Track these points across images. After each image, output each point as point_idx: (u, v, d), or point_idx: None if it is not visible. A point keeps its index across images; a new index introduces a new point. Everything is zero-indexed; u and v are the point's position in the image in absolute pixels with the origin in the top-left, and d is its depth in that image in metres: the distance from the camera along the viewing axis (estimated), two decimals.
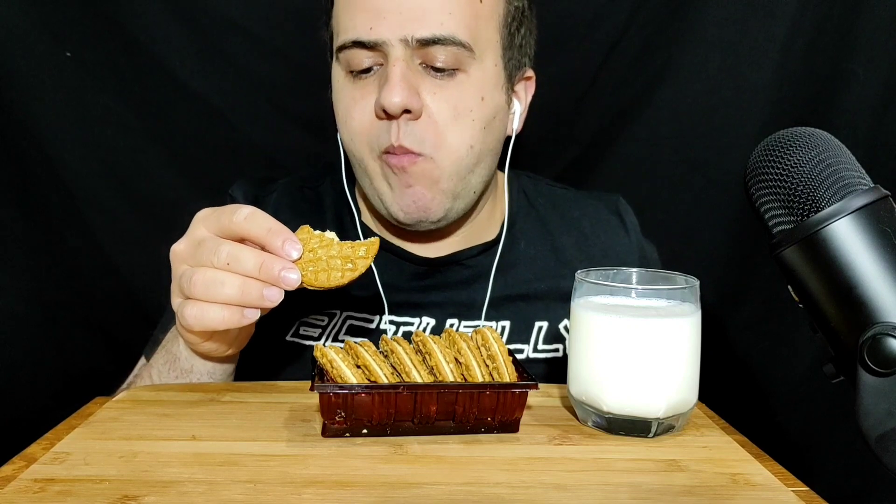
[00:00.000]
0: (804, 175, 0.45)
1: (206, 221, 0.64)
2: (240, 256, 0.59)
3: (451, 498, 0.47)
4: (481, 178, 0.80)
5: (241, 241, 0.61)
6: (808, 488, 0.50)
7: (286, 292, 0.60)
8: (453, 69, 0.75)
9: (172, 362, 0.71)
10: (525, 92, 0.86)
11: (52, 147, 1.05)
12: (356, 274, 0.62)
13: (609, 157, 1.15)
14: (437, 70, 0.74)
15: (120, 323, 1.12)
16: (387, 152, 0.75)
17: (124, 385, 0.80)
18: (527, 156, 0.98)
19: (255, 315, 0.61)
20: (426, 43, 0.73)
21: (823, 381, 0.47)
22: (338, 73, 0.79)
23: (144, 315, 1.08)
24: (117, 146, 1.08)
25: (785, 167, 0.46)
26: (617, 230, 0.92)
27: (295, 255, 0.60)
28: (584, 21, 1.09)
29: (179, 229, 0.65)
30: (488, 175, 0.82)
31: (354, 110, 0.77)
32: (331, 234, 0.63)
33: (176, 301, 0.65)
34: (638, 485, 0.50)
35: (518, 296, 0.85)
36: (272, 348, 0.81)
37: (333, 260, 0.61)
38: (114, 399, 0.64)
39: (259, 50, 1.07)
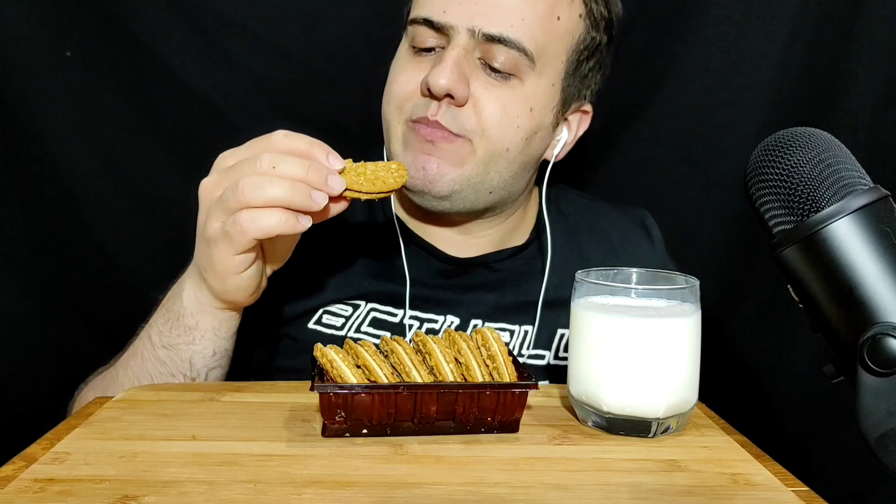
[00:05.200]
0: (804, 175, 0.45)
1: (234, 153, 0.64)
2: (285, 160, 0.60)
3: (451, 498, 0.47)
4: (500, 182, 0.79)
5: None
6: (808, 488, 0.50)
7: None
8: (509, 73, 0.75)
9: (175, 320, 0.70)
10: (578, 124, 0.86)
11: (52, 146, 1.05)
12: (403, 181, 0.66)
13: (610, 156, 1.15)
14: (493, 70, 0.75)
15: (120, 322, 1.12)
16: (417, 121, 0.75)
17: (110, 363, 0.79)
18: None
19: (308, 222, 0.62)
20: (491, 39, 0.73)
21: (823, 381, 0.47)
22: (402, 45, 0.80)
23: (145, 314, 1.08)
24: (118, 145, 1.08)
25: (785, 167, 0.46)
26: (643, 243, 0.93)
27: (338, 166, 0.62)
28: None
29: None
30: (508, 185, 0.80)
31: (401, 77, 0.78)
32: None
33: (215, 226, 0.62)
34: (638, 485, 0.50)
35: (543, 302, 0.85)
36: (294, 334, 0.81)
37: (377, 172, 0.65)
38: (114, 399, 0.64)
39: (260, 49, 1.07)
